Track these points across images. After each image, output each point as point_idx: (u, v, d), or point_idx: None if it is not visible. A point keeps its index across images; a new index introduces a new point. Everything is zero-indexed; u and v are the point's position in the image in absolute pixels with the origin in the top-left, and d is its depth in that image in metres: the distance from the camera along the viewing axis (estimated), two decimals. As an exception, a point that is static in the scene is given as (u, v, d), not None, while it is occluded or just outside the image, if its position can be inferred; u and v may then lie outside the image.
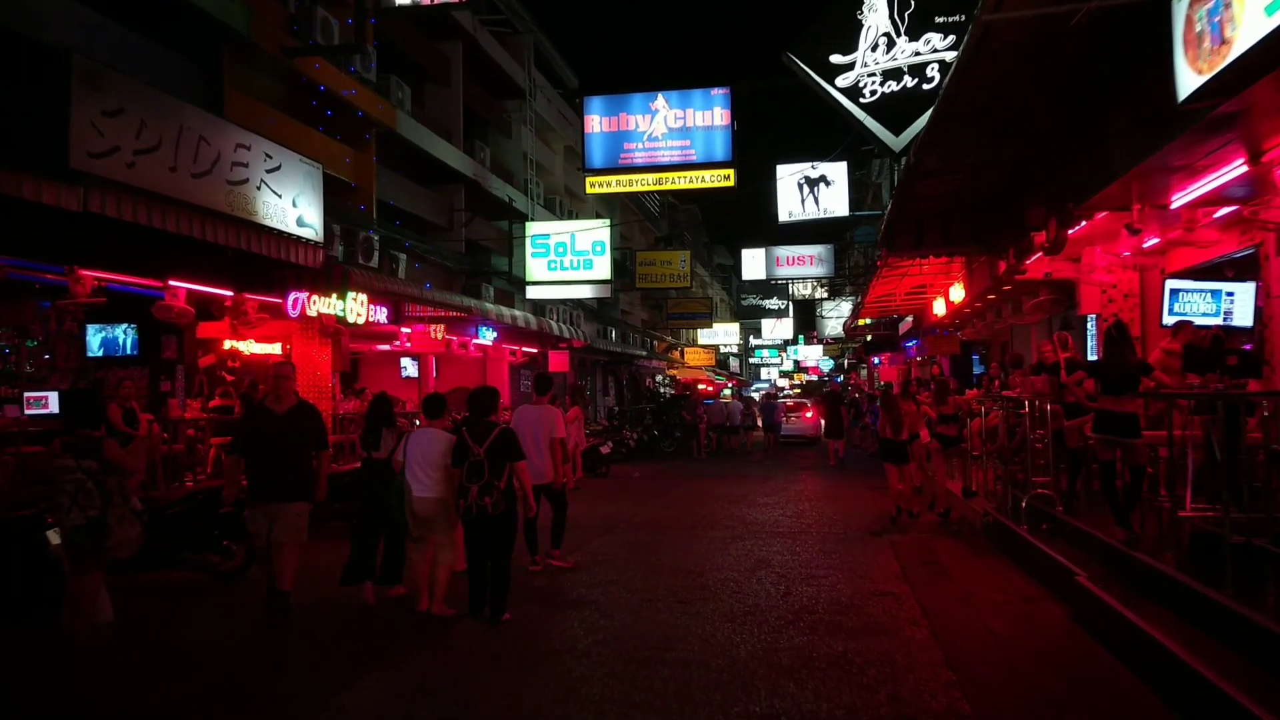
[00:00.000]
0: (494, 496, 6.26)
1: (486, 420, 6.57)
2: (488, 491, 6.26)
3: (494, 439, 6.35)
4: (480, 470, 6.28)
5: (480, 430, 6.43)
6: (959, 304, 13.75)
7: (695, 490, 15.63)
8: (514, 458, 6.43)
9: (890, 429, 11.24)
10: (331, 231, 13.54)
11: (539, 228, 20.07)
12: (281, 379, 6.69)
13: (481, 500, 6.26)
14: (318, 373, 15.27)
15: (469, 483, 6.30)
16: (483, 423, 6.52)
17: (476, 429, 6.45)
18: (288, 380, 6.70)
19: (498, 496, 6.28)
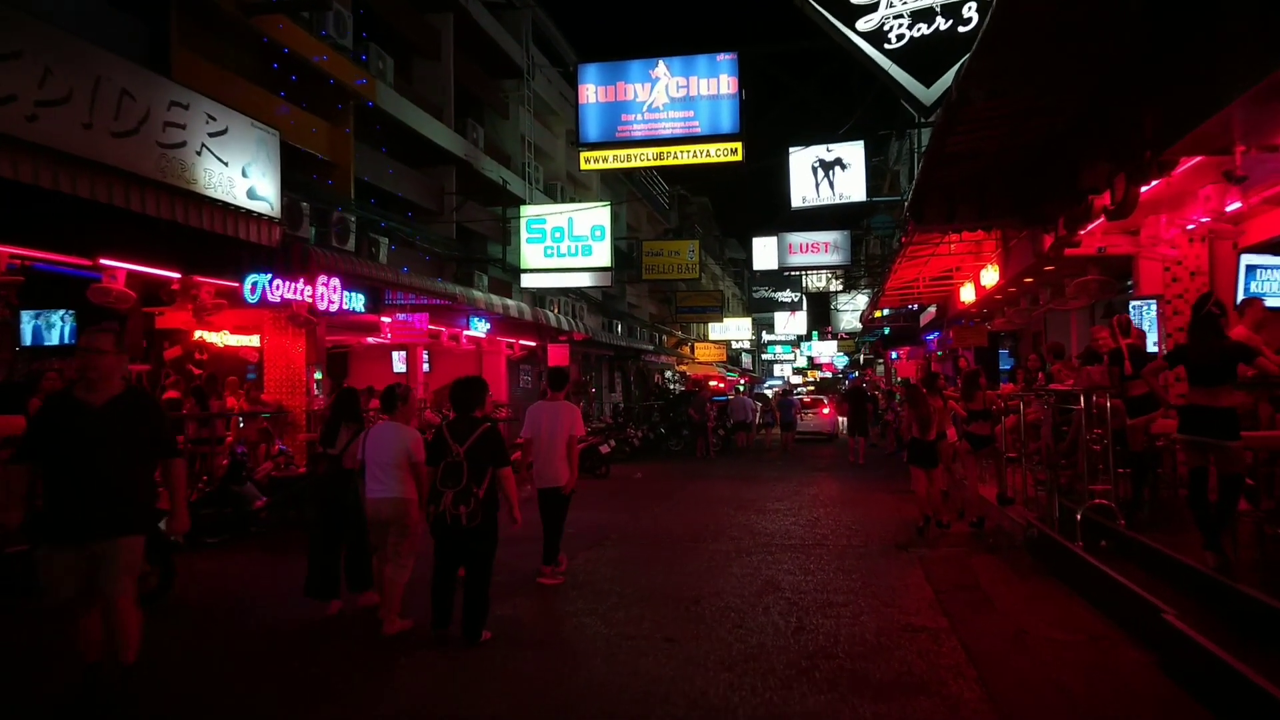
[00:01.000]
0: (470, 505, 5.42)
1: (471, 417, 5.73)
2: (464, 499, 5.43)
3: (477, 438, 5.53)
4: (458, 473, 5.47)
5: (463, 428, 5.61)
6: (991, 289, 12.39)
7: (701, 494, 14.34)
8: (498, 462, 5.61)
9: (918, 428, 9.92)
10: (299, 209, 12.35)
11: (534, 211, 18.80)
12: (92, 355, 4.44)
13: (456, 508, 5.42)
14: (291, 366, 14.11)
15: (443, 486, 5.50)
16: (467, 419, 5.69)
17: (459, 426, 5.65)
18: (102, 358, 4.45)
19: (475, 506, 5.44)
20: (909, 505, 12.13)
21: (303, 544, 9.49)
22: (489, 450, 5.57)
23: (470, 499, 5.44)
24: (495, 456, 5.60)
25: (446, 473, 5.51)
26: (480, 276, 18.77)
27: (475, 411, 5.82)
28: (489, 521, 5.59)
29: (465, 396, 5.85)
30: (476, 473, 5.48)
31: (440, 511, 5.49)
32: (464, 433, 5.58)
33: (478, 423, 5.69)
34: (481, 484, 5.49)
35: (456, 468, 5.48)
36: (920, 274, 14.54)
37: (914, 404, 10.00)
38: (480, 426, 5.63)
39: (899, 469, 18.02)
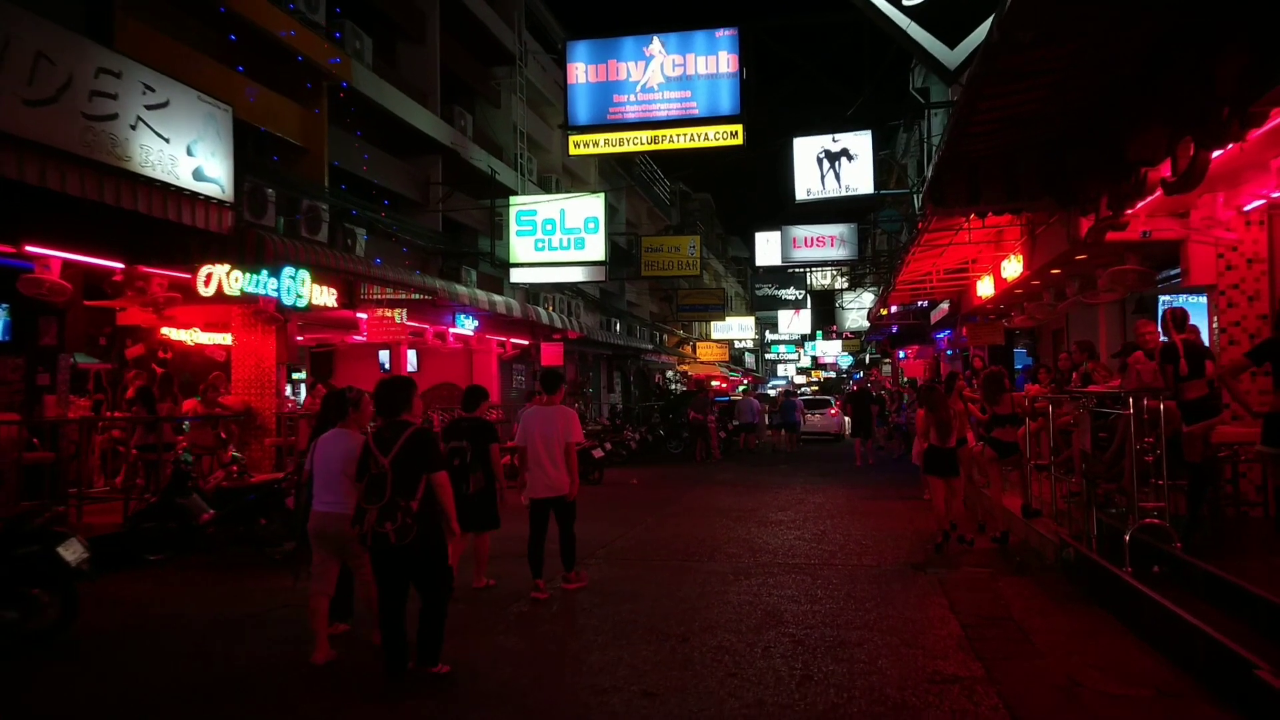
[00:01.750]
0: (398, 521, 4.77)
1: (398, 421, 5.04)
2: (389, 514, 4.79)
3: (402, 445, 4.87)
4: (380, 487, 4.84)
5: (388, 434, 4.95)
6: (1013, 281, 11.40)
7: (699, 502, 13.38)
8: (431, 468, 4.92)
9: (936, 434, 8.94)
10: (262, 195, 11.42)
11: (524, 202, 17.83)
12: None
13: (381, 526, 4.79)
14: (261, 365, 13.19)
15: (367, 503, 4.89)
16: (393, 425, 5.02)
17: (385, 434, 4.98)
18: None
19: (404, 521, 4.78)
20: (923, 516, 11.17)
21: (254, 562, 8.61)
22: (418, 456, 4.89)
23: (397, 513, 4.78)
24: (427, 462, 4.91)
25: (369, 487, 4.90)
26: (468, 272, 17.82)
27: (402, 414, 5.09)
28: (427, 536, 4.88)
29: (389, 398, 5.15)
30: (404, 484, 4.82)
31: (364, 532, 4.87)
32: (390, 440, 4.91)
33: (404, 427, 4.98)
34: (412, 495, 4.82)
35: (379, 481, 4.84)
36: (934, 266, 13.54)
37: (932, 407, 9.02)
38: (406, 430, 4.94)
39: (908, 474, 17.06)
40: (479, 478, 6.80)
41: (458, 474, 6.60)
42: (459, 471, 6.65)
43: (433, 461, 4.95)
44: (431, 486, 4.89)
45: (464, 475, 6.70)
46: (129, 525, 8.80)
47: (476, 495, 6.80)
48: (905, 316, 21.75)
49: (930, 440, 9.04)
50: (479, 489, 6.81)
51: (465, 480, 6.68)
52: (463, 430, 6.95)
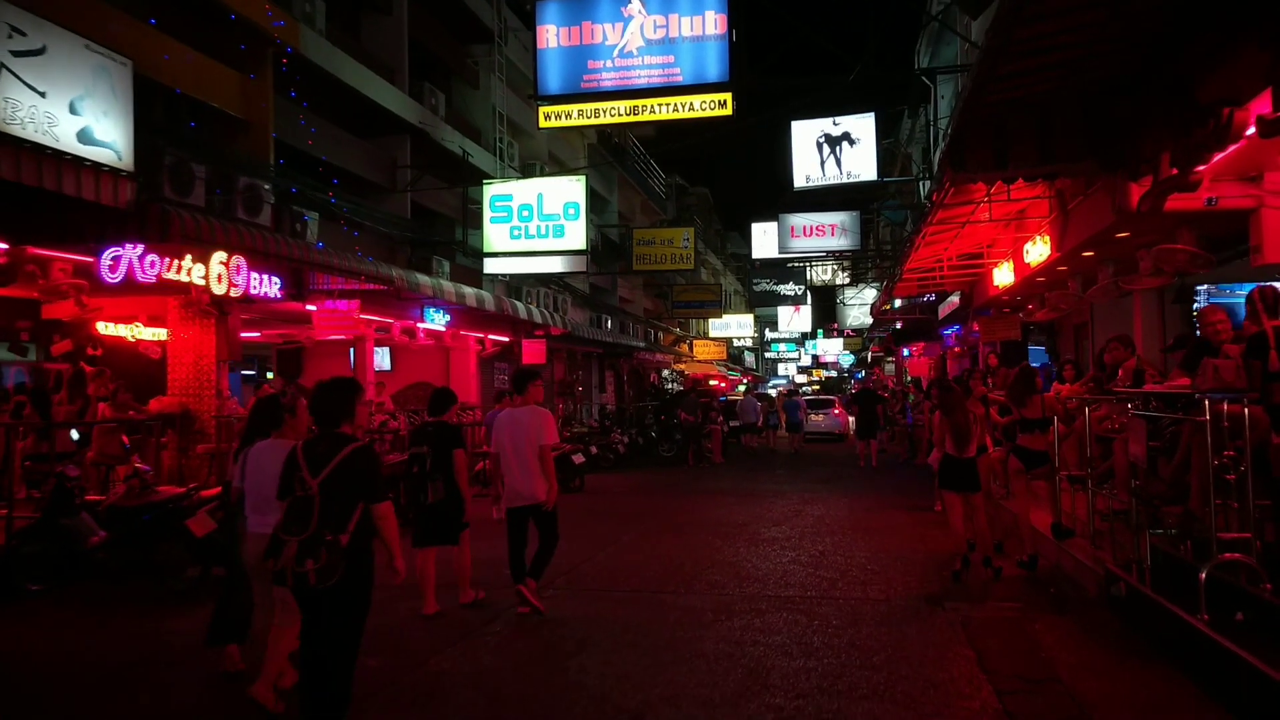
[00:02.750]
0: (322, 559, 3.76)
1: (336, 433, 4.05)
2: (312, 550, 3.78)
3: (338, 464, 3.89)
4: (305, 514, 3.84)
5: (322, 449, 3.96)
6: (1038, 267, 10.04)
7: (685, 514, 12.05)
8: (371, 496, 3.96)
9: (953, 441, 7.60)
10: (187, 171, 10.13)
11: (499, 187, 16.47)
12: None
13: (301, 564, 3.78)
14: (200, 363, 11.92)
15: (285, 534, 3.87)
16: (329, 437, 4.03)
17: (317, 447, 3.98)
18: None
19: (329, 559, 3.77)
20: (935, 532, 9.84)
21: (152, 594, 7.31)
22: (356, 480, 3.92)
23: (321, 549, 3.77)
24: (367, 488, 3.95)
25: (290, 513, 3.90)
26: (440, 262, 16.49)
27: (342, 425, 4.09)
28: (354, 580, 3.87)
29: (325, 404, 4.15)
30: (335, 512, 3.83)
31: (280, 569, 3.87)
32: (323, 457, 3.91)
33: (343, 441, 3.98)
34: (343, 527, 3.82)
35: (305, 506, 3.85)
36: (946, 252, 12.20)
37: (948, 410, 7.68)
38: (345, 447, 3.94)
39: (915, 480, 15.74)
40: (438, 486, 6.36)
41: (418, 482, 6.41)
42: (418, 479, 6.43)
43: (374, 488, 3.96)
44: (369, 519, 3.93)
45: (423, 484, 6.40)
46: (6, 549, 7.50)
47: (436, 506, 6.37)
48: (910, 311, 20.40)
49: (946, 449, 7.70)
50: (438, 499, 6.37)
51: (423, 489, 6.39)
52: (426, 435, 6.54)
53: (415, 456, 6.50)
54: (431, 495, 6.36)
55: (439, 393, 6.92)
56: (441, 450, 6.39)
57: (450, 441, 6.45)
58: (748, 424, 23.82)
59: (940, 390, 7.82)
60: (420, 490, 6.44)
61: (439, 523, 6.44)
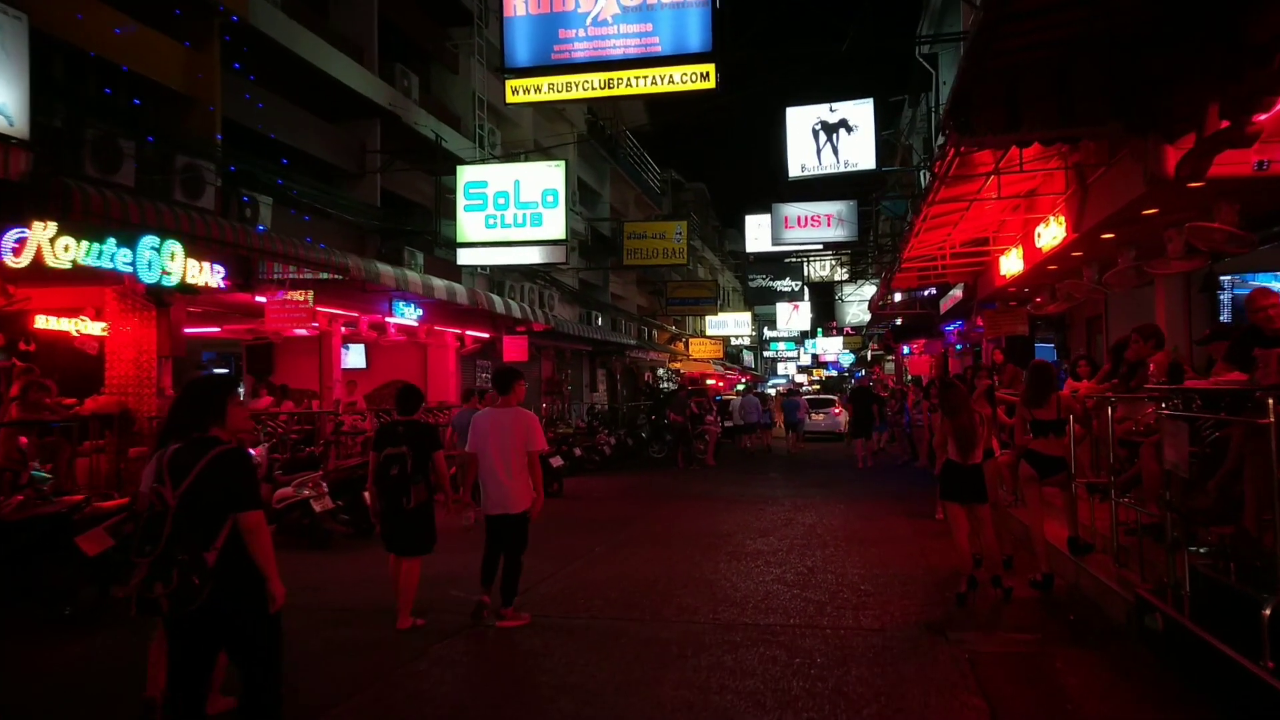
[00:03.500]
0: (174, 581, 3.24)
1: (205, 438, 3.54)
2: (163, 571, 3.25)
3: (201, 472, 3.40)
4: (156, 530, 3.32)
5: (186, 457, 3.44)
6: (1050, 251, 9.08)
7: (665, 522, 11.13)
8: (240, 504, 3.45)
9: (956, 446, 6.68)
10: (114, 147, 9.20)
11: (474, 172, 15.52)
12: None
13: (150, 589, 3.26)
14: (140, 359, 11.03)
15: (139, 555, 3.33)
16: (195, 443, 3.50)
17: (182, 456, 3.46)
18: None
19: (183, 581, 3.25)
20: (937, 542, 8.92)
21: (44, 620, 6.41)
22: (222, 488, 3.43)
23: (173, 571, 3.26)
24: (234, 496, 3.45)
25: (142, 531, 3.38)
26: (413, 254, 15.55)
27: (210, 428, 3.58)
28: (239, 598, 3.42)
29: (190, 406, 3.66)
30: (194, 528, 3.35)
31: (128, 595, 3.36)
32: (185, 465, 3.42)
33: (207, 446, 3.48)
34: (207, 544, 3.33)
35: (157, 523, 3.33)
36: (948, 239, 11.26)
37: (951, 410, 6.74)
38: (210, 452, 3.46)
39: (913, 483, 14.83)
40: (420, 489, 6.05)
41: (396, 485, 6.01)
42: (397, 482, 6.02)
43: (243, 495, 3.46)
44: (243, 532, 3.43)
45: (404, 487, 6.02)
46: None
47: (416, 510, 6.04)
48: (910, 306, 19.46)
49: (948, 454, 6.77)
50: (420, 502, 6.04)
51: (405, 492, 6.01)
52: (399, 435, 6.16)
53: (392, 457, 6.08)
54: (415, 498, 6.01)
55: (406, 390, 6.62)
56: (422, 451, 6.11)
57: (430, 442, 6.22)
58: (749, 424, 23.08)
59: (941, 389, 6.88)
60: (401, 494, 6.01)
61: (415, 529, 6.12)
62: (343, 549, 9.57)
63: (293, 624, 4.41)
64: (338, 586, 7.64)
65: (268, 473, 10.14)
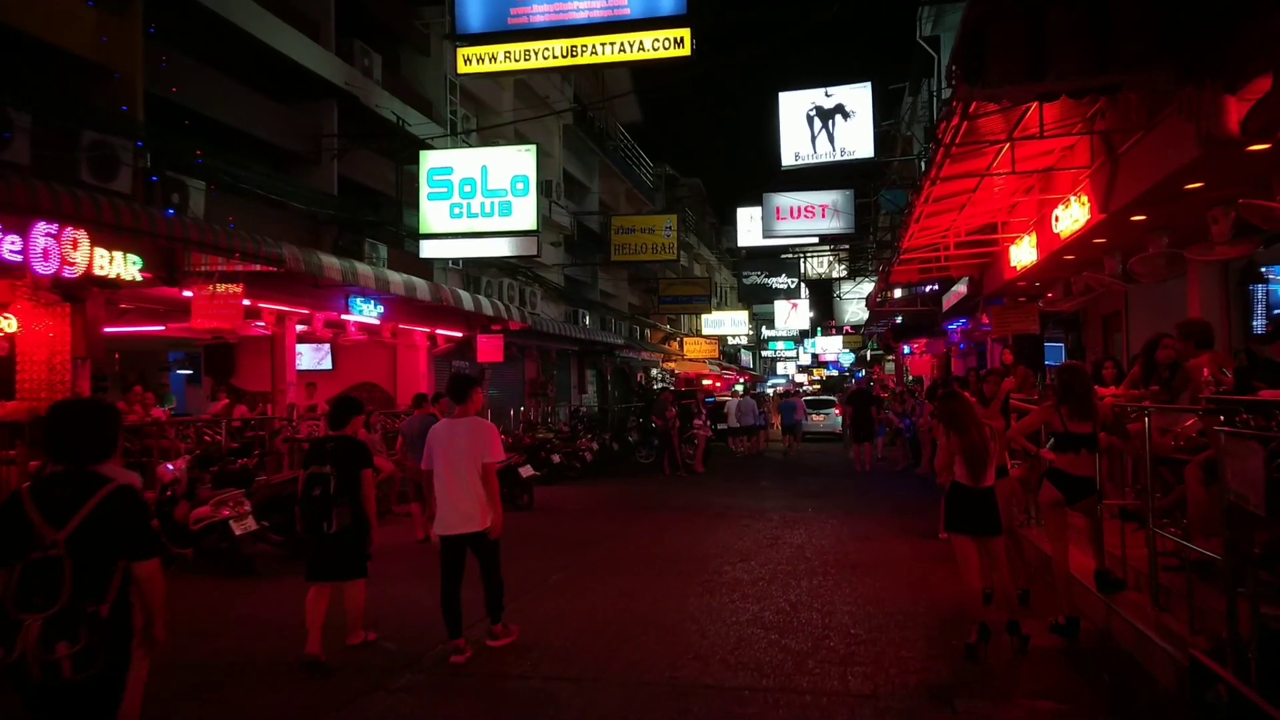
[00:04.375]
0: (81, 640, 2.78)
1: (83, 471, 2.96)
2: (67, 628, 2.79)
3: (91, 513, 2.87)
4: (52, 581, 2.81)
5: (63, 492, 2.91)
6: (1071, 236, 7.91)
7: (638, 542, 10.01)
8: (136, 552, 3.00)
9: (966, 466, 5.53)
10: (3, 120, 8.08)
11: (438, 158, 14.37)
12: None
13: (50, 650, 2.75)
14: (54, 360, 9.97)
15: (22, 609, 2.79)
16: (73, 476, 2.94)
17: (54, 489, 2.91)
18: None
19: (89, 640, 2.80)
20: (941, 569, 7.82)
21: None
22: (118, 532, 2.93)
23: (79, 627, 2.78)
24: (129, 542, 2.98)
25: (23, 581, 2.80)
26: (375, 247, 14.42)
27: (89, 462, 3.01)
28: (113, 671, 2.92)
29: (71, 434, 3.04)
30: (92, 576, 2.85)
31: (15, 660, 2.76)
32: (66, 502, 2.88)
33: (95, 482, 2.95)
34: (103, 597, 2.86)
35: (48, 572, 2.80)
36: (952, 227, 10.12)
37: (955, 423, 5.59)
38: (99, 489, 2.92)
39: (913, 493, 13.71)
40: (344, 512, 5.60)
41: (318, 507, 5.58)
42: (319, 504, 5.59)
43: (139, 543, 3.02)
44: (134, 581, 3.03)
45: (325, 509, 5.58)
46: None
47: (340, 534, 5.59)
48: (911, 303, 18.31)
49: (955, 476, 5.62)
50: (344, 526, 5.59)
51: (327, 516, 5.58)
52: (326, 453, 5.73)
53: (315, 477, 5.65)
54: (337, 523, 5.53)
55: (341, 401, 6.10)
56: (348, 470, 5.63)
57: (358, 459, 5.71)
58: (746, 426, 22.25)
59: (943, 400, 5.72)
60: (322, 517, 5.55)
61: (340, 554, 5.63)
62: (272, 574, 8.50)
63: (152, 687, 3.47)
64: (240, 628, 6.52)
65: (188, 489, 9.01)
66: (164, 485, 9.01)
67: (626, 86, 33.49)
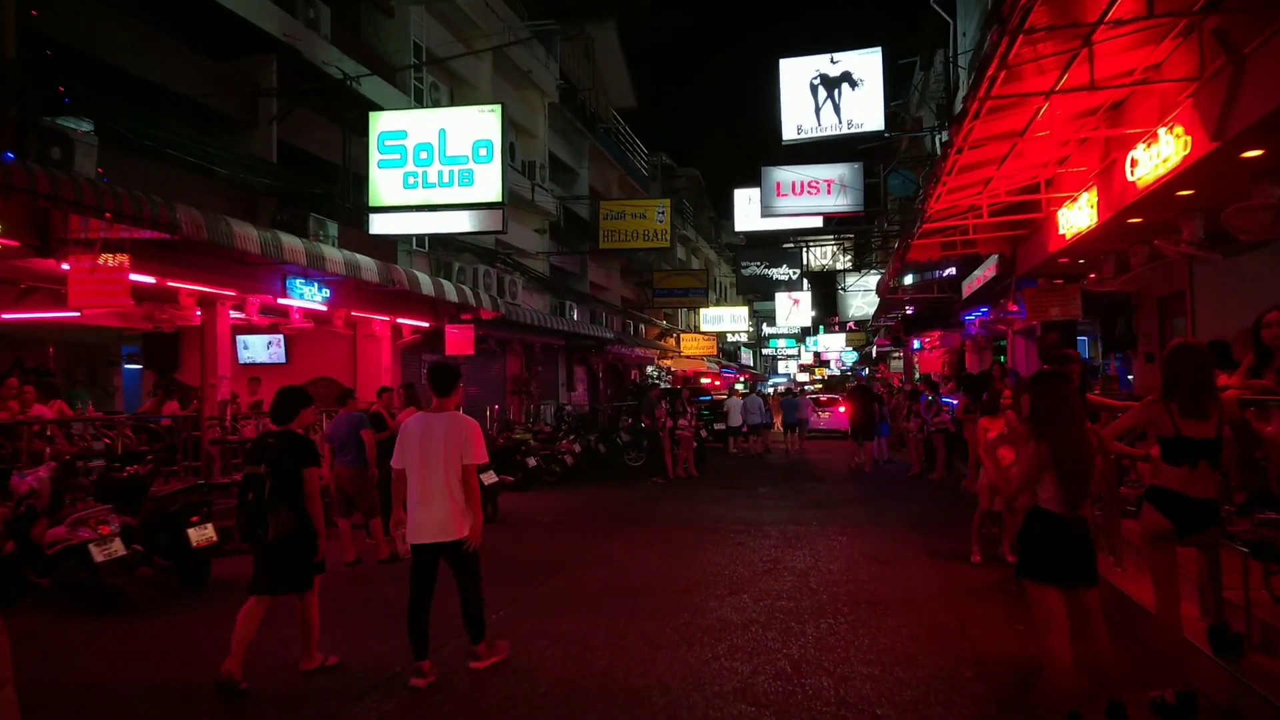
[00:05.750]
0: None
1: None
2: None
3: None
4: None
5: None
6: (1155, 184, 6.03)
7: (609, 567, 8.29)
8: None
9: (1064, 483, 3.77)
10: None
11: (390, 120, 12.59)
12: None
13: None
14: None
15: None
16: None
17: None
18: None
19: None
20: (979, 607, 6.17)
21: None
22: None
23: None
24: None
25: None
26: (323, 223, 12.70)
27: None
28: None
29: None
30: None
31: None
32: None
33: None
34: None
35: None
36: (985, 189, 8.36)
37: (1053, 418, 3.81)
38: None
39: (933, 501, 12.00)
40: (281, 517, 4.98)
41: (252, 512, 5.03)
42: (253, 508, 5.03)
43: None
44: None
45: (260, 515, 4.99)
46: None
47: (280, 542, 4.97)
48: (926, 289, 16.56)
49: (1040, 499, 3.87)
50: (282, 533, 4.96)
51: (262, 521, 4.98)
52: (265, 450, 5.20)
53: (250, 478, 5.21)
54: (273, 529, 4.97)
55: (284, 394, 5.47)
56: (286, 470, 5.12)
57: (300, 457, 5.19)
58: (754, 425, 21.36)
59: (1037, 382, 3.97)
60: (256, 523, 5.02)
61: (283, 564, 5.07)
62: (154, 610, 6.85)
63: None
64: (87, 690, 4.83)
65: (50, 504, 7.29)
66: (19, 499, 7.31)
67: (619, 67, 31.92)
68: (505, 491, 13.53)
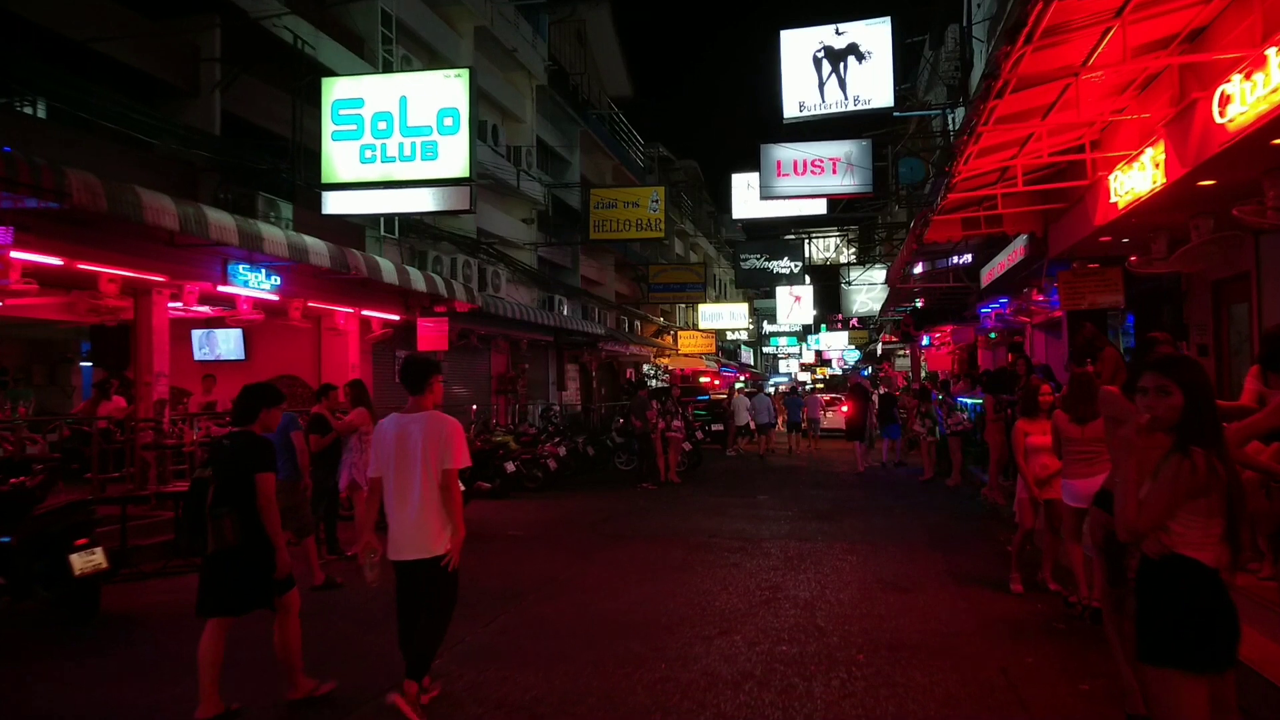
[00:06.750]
0: None
1: None
2: None
3: None
4: None
5: None
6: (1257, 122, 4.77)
7: (579, 595, 7.03)
8: None
9: (1234, 532, 2.47)
10: None
11: (345, 87, 11.28)
12: None
13: None
14: None
15: None
16: None
17: None
18: None
19: None
20: (1030, 656, 4.87)
21: None
22: None
23: None
24: None
25: None
26: (274, 203, 11.43)
27: None
28: None
29: None
30: None
31: None
32: None
33: None
34: None
35: None
36: (1020, 153, 7.06)
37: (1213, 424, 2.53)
38: None
39: (952, 511, 10.70)
40: (224, 527, 4.42)
41: (192, 521, 4.71)
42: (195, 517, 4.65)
43: None
44: None
45: (199, 524, 4.58)
46: None
47: (226, 555, 4.42)
48: (940, 278, 15.27)
49: (1180, 543, 2.57)
50: (223, 547, 4.41)
51: (202, 531, 4.55)
52: (218, 452, 4.77)
53: (196, 484, 4.71)
54: (213, 541, 4.38)
55: (244, 393, 4.84)
56: (235, 474, 4.47)
57: (252, 461, 4.52)
58: (761, 424, 20.54)
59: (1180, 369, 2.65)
60: (197, 533, 4.50)
61: (232, 580, 4.41)
62: (26, 652, 5.61)
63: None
64: None
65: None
66: None
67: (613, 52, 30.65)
68: (476, 500, 12.32)
